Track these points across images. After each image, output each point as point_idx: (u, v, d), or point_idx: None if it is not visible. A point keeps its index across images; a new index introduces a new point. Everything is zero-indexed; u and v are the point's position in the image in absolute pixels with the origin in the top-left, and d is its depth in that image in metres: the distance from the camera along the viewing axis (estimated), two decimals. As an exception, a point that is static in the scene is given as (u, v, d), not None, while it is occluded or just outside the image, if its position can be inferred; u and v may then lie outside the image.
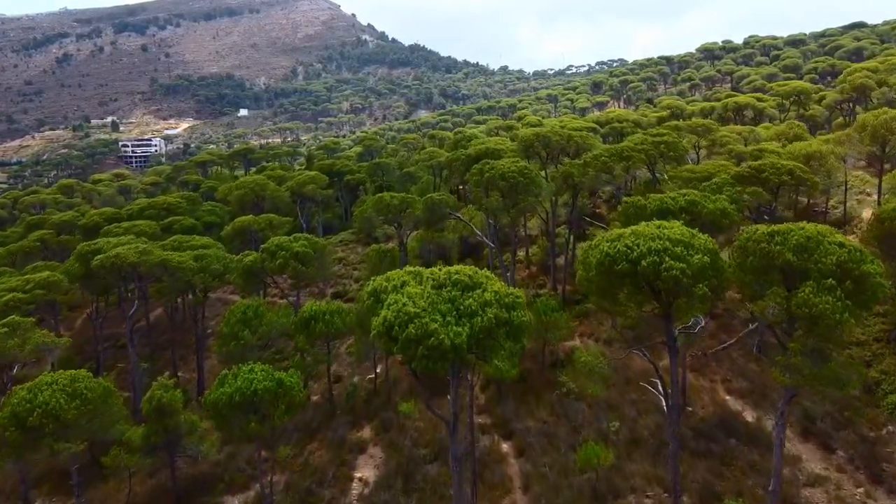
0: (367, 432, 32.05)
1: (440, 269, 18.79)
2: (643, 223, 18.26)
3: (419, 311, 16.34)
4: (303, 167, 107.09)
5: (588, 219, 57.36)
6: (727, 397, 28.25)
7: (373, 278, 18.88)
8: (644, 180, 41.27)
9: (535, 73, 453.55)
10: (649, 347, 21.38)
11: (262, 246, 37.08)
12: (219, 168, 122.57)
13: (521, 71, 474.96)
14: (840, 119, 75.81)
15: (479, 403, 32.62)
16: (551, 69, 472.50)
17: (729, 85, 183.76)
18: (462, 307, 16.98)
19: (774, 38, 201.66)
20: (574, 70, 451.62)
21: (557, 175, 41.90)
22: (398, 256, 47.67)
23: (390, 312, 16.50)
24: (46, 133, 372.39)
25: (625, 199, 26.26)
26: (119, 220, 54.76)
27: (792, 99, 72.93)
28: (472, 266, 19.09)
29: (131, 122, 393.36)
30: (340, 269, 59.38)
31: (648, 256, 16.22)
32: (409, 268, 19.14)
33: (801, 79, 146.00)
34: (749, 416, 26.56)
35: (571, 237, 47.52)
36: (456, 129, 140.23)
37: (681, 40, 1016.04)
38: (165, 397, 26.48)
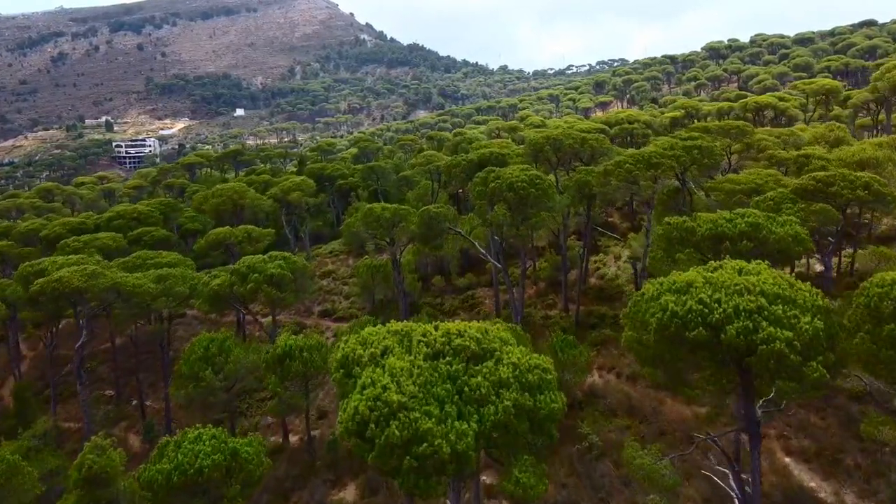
0: (350, 493, 26.98)
1: (436, 329, 13.69)
2: (716, 268, 13.18)
3: (406, 401, 11.25)
4: (295, 169, 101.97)
5: (600, 229, 52.29)
6: (788, 460, 23.18)
7: (343, 339, 13.81)
8: (668, 189, 36.29)
9: (535, 73, 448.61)
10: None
11: (232, 267, 32.01)
12: (209, 170, 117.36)
13: (520, 71, 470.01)
14: (866, 120, 70.74)
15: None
16: (551, 69, 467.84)
17: (735, 84, 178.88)
18: (467, 389, 11.91)
19: (782, 36, 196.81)
20: (574, 70, 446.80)
21: (570, 183, 36.83)
22: (391, 272, 42.61)
23: (364, 401, 11.42)
24: (40, 133, 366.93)
25: (667, 220, 21.32)
26: (87, 231, 49.71)
27: (818, 98, 67.92)
28: (478, 325, 13.95)
29: (126, 122, 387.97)
30: (329, 284, 54.32)
31: (736, 320, 11.22)
32: (394, 325, 14.05)
33: (813, 78, 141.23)
34: (822, 489, 21.47)
35: (584, 251, 42.51)
36: (455, 130, 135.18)
37: (681, 40, 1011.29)
38: (98, 464, 21.37)
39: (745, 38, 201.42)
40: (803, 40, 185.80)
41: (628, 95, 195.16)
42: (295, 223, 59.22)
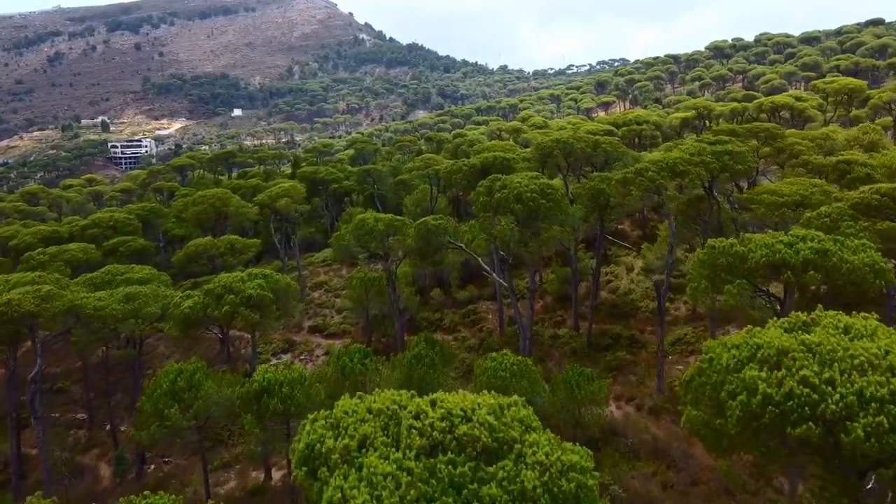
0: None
1: (433, 406, 10.19)
2: (807, 323, 9.74)
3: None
4: (290, 171, 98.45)
5: (610, 238, 48.82)
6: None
7: (308, 420, 10.37)
8: (688, 197, 32.84)
9: (536, 73, 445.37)
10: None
11: (206, 287, 28.50)
12: (201, 172, 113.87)
13: (520, 70, 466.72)
14: (886, 121, 67.30)
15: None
16: (551, 69, 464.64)
17: (740, 84, 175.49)
18: None
19: (787, 35, 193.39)
20: (575, 70, 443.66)
21: (583, 192, 33.36)
22: (386, 286, 39.11)
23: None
24: (35, 133, 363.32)
25: (710, 242, 17.87)
26: (60, 241, 46.24)
27: (839, 98, 64.50)
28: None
29: (122, 123, 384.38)
30: (321, 297, 50.83)
31: (862, 414, 7.81)
32: (378, 399, 10.57)
33: (821, 77, 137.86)
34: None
35: (596, 264, 39.06)
36: (455, 131, 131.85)
37: (681, 40, 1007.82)
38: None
39: (746, 38, 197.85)
40: (809, 39, 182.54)
41: (631, 95, 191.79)
42: (287, 230, 55.76)
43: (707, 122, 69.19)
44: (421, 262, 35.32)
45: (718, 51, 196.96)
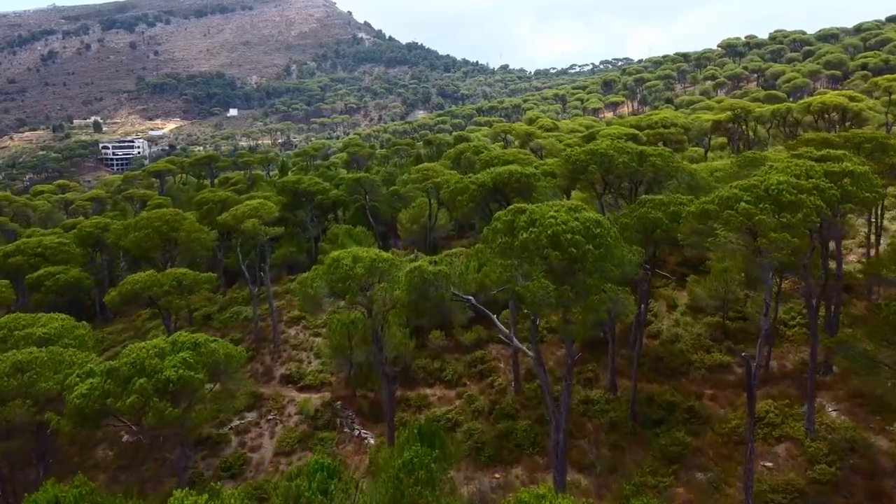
0: None
1: None
2: None
3: None
4: (276, 177, 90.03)
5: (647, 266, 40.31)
6: None
7: None
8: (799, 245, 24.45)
9: (538, 73, 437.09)
10: None
11: (110, 365, 20.13)
12: (183, 176, 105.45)
13: (522, 70, 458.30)
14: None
15: None
16: (553, 68, 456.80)
17: (755, 83, 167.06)
18: None
19: (803, 33, 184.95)
20: (578, 69, 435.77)
21: (629, 221, 25.01)
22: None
23: None
24: (25, 134, 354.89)
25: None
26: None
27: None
28: None
29: (115, 123, 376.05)
30: (297, 335, 42.46)
31: None
32: None
33: (847, 77, 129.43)
34: None
35: (643, 309, 30.73)
36: (456, 133, 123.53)
37: (682, 40, 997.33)
38: None
39: (760, 36, 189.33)
40: (827, 37, 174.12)
41: (639, 95, 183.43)
42: (263, 250, 47.26)
43: (744, 124, 60.80)
44: (415, 319, 27.09)
45: (731, 48, 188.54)
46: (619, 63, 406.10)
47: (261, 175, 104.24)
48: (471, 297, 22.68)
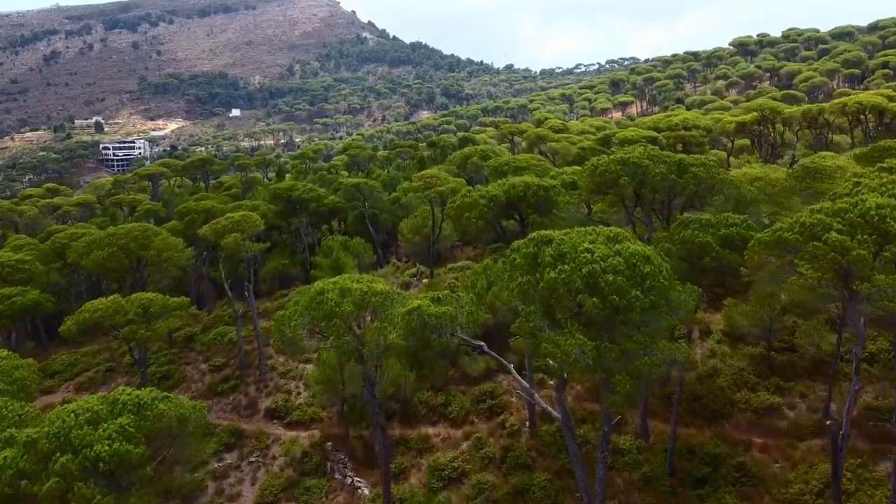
0: None
1: None
2: None
3: None
4: (274, 180, 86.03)
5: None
6: None
7: None
8: None
9: (543, 72, 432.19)
10: None
11: (28, 432, 16.01)
12: (178, 179, 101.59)
13: (527, 70, 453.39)
14: None
15: None
16: (559, 67, 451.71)
17: (767, 82, 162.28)
18: None
19: (816, 31, 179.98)
20: (583, 69, 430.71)
21: (671, 246, 20.83)
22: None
23: None
24: (27, 134, 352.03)
25: None
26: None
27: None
28: None
29: (117, 123, 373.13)
30: (286, 362, 38.32)
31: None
32: None
33: (867, 76, 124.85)
34: None
35: (686, 343, 26.40)
36: (461, 135, 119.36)
37: (684, 39, 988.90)
38: None
39: (782, 32, 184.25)
40: (842, 35, 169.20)
41: (649, 95, 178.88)
42: (249, 264, 43.15)
43: (772, 126, 56.43)
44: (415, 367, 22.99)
45: (743, 47, 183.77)
46: (626, 63, 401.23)
47: (258, 178, 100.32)
48: (482, 344, 18.49)
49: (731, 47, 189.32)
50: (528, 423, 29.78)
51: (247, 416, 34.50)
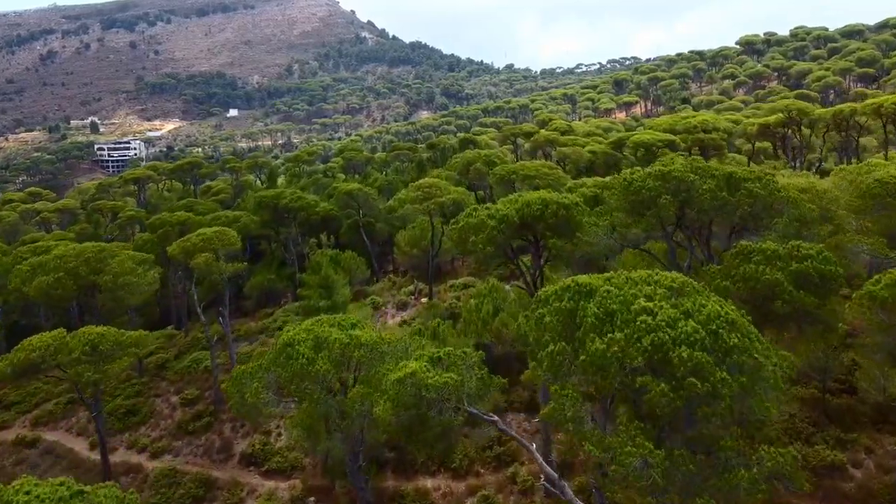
0: None
1: None
2: None
3: None
4: (263, 186, 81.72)
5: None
6: None
7: None
8: None
9: (543, 72, 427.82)
10: None
11: None
12: (168, 182, 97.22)
13: (527, 69, 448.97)
14: None
15: None
16: (559, 67, 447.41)
17: (775, 82, 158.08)
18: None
19: (825, 29, 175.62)
20: (584, 68, 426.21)
21: (727, 284, 16.57)
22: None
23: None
24: (21, 135, 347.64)
25: None
26: None
27: None
28: None
29: (113, 123, 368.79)
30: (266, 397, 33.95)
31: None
32: None
33: (881, 75, 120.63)
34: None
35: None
36: (461, 136, 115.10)
37: (686, 39, 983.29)
38: None
39: (790, 31, 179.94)
40: (852, 33, 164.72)
41: (653, 95, 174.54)
42: (227, 285, 38.84)
43: (799, 129, 52.20)
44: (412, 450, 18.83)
45: (749, 46, 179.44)
46: (628, 62, 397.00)
47: (251, 181, 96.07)
48: (496, 419, 14.21)
49: (738, 46, 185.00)
50: (542, 478, 25.53)
51: (220, 462, 30.22)
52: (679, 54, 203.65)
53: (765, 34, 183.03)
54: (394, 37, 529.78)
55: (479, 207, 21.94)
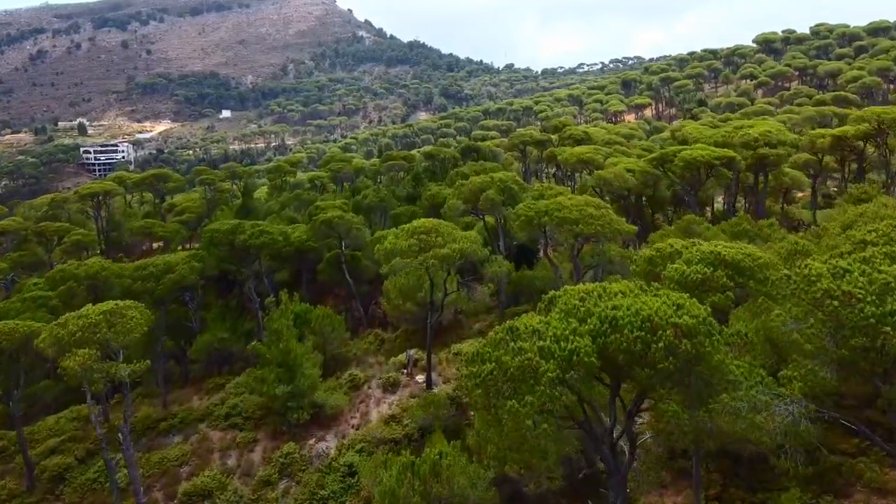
0: None
1: None
2: None
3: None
4: (238, 202, 71.22)
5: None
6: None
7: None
8: None
9: (545, 72, 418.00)
10: None
11: None
12: (139, 194, 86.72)
13: (528, 69, 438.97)
14: None
15: None
16: (561, 67, 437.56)
17: (796, 82, 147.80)
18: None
19: (846, 26, 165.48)
20: (586, 68, 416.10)
21: None
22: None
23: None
24: (7, 137, 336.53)
25: None
26: None
27: None
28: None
29: (102, 125, 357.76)
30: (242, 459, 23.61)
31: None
32: None
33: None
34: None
35: None
36: (463, 142, 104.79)
37: (687, 38, 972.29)
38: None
39: (810, 28, 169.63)
40: (878, 30, 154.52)
41: (665, 96, 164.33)
42: (127, 387, 28.37)
43: (883, 142, 41.97)
44: None
45: (767, 44, 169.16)
46: (630, 62, 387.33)
47: (227, 191, 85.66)
48: None
49: (754, 45, 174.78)
50: None
51: None
52: (691, 53, 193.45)
53: (783, 32, 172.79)
54: (391, 36, 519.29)
55: (516, 328, 11.47)
